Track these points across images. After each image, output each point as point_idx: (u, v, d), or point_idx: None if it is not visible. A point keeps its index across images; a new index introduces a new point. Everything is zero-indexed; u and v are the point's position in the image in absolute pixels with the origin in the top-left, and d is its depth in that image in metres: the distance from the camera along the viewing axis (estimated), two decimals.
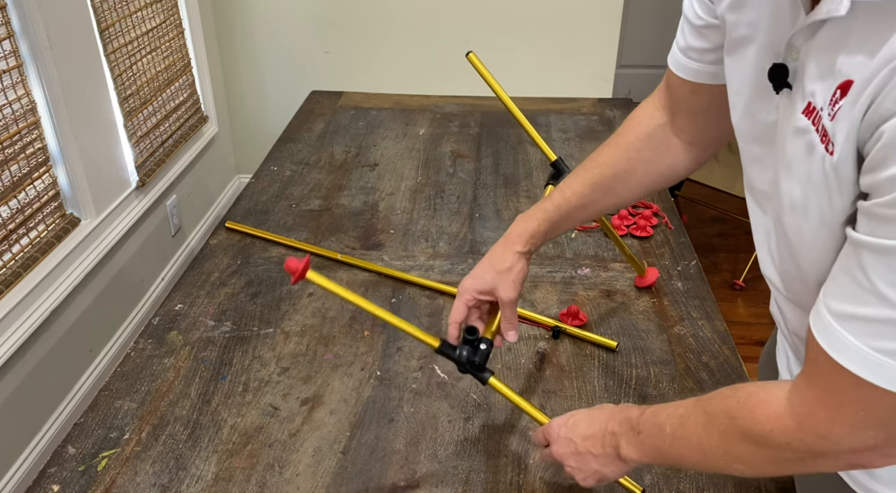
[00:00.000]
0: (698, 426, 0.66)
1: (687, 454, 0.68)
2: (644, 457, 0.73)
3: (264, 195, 1.63)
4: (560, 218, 0.93)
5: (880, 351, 0.51)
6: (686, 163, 0.92)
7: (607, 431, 0.76)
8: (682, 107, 0.88)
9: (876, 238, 0.50)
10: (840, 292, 0.54)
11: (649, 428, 0.72)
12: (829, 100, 0.55)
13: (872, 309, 0.51)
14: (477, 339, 0.90)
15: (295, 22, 2.72)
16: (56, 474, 0.95)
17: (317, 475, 0.94)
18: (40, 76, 1.69)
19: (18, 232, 1.66)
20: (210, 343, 1.17)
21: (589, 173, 0.93)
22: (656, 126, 0.91)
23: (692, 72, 0.83)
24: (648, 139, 0.91)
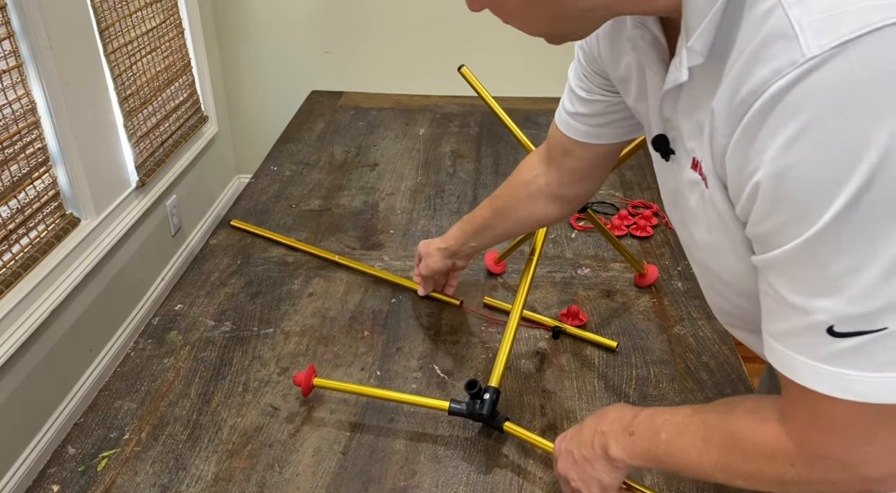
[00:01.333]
0: (697, 439, 0.66)
1: (682, 464, 0.67)
2: (633, 459, 0.73)
3: (264, 195, 1.62)
4: (472, 231, 1.14)
5: (820, 359, 0.51)
6: (551, 213, 1.04)
7: (597, 431, 0.77)
8: (555, 163, 0.99)
9: (765, 254, 0.52)
10: (768, 315, 0.55)
11: (643, 431, 0.71)
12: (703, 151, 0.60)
13: (791, 321, 0.52)
14: (480, 390, 0.96)
15: (295, 22, 2.72)
16: (56, 474, 0.95)
17: (317, 475, 0.94)
18: (40, 76, 1.69)
19: (18, 232, 1.66)
20: (210, 343, 1.17)
21: (491, 203, 1.11)
22: (534, 176, 1.03)
23: (578, 132, 0.91)
24: (525, 186, 1.04)
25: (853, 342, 0.48)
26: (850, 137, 0.45)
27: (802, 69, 0.45)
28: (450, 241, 1.18)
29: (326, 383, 1.04)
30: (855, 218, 0.46)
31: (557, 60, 2.70)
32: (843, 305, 0.48)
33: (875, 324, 0.47)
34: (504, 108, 1.22)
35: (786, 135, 0.47)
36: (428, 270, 1.21)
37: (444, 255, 1.18)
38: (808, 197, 0.47)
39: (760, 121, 0.48)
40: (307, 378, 1.03)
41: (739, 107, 0.50)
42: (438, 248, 1.18)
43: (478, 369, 1.12)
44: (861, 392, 0.50)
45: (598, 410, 1.00)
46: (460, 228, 1.17)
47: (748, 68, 0.49)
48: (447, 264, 1.19)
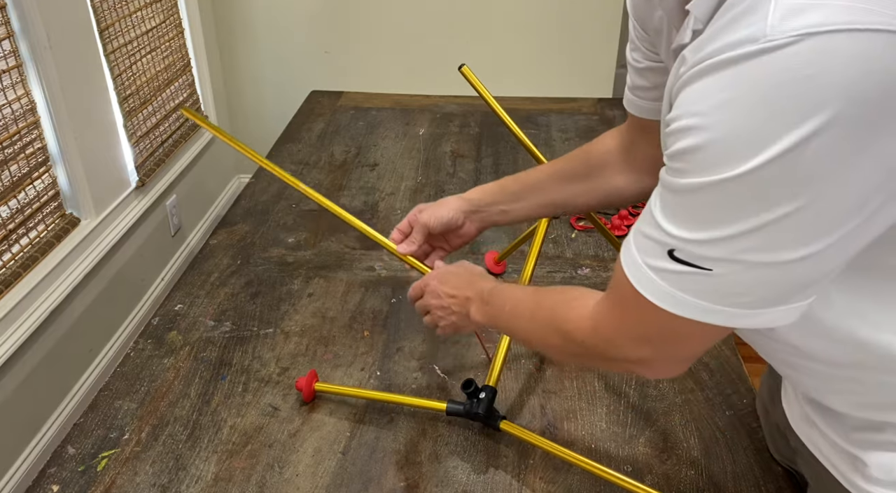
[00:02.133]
0: (527, 311, 0.79)
1: (516, 331, 0.82)
2: (486, 321, 0.86)
3: (264, 195, 1.62)
4: (512, 188, 1.01)
5: (650, 266, 0.58)
6: (639, 187, 0.98)
7: (464, 295, 0.88)
8: (639, 138, 0.94)
9: (665, 174, 0.57)
10: (642, 215, 0.61)
11: (494, 301, 0.84)
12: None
13: (649, 228, 0.58)
14: (476, 390, 0.96)
15: (295, 22, 2.72)
16: (56, 474, 0.95)
17: (317, 476, 0.94)
18: (40, 76, 1.69)
19: (18, 232, 1.66)
20: (210, 343, 1.17)
21: (554, 164, 1.02)
22: (618, 146, 0.98)
23: (638, 108, 0.90)
24: (608, 154, 0.98)
25: (681, 268, 0.56)
26: (768, 124, 0.48)
27: (757, 48, 0.47)
28: (476, 194, 1.01)
29: (328, 388, 1.05)
30: (740, 187, 0.50)
31: (558, 60, 2.70)
32: (692, 241, 0.55)
33: (705, 264, 0.55)
34: (504, 108, 1.22)
35: (716, 100, 0.50)
36: (430, 219, 0.99)
37: (461, 206, 1.00)
38: (712, 157, 0.51)
39: (703, 76, 0.51)
40: (308, 383, 1.03)
41: (694, 63, 0.53)
42: (459, 197, 1.01)
43: (478, 369, 1.12)
44: (665, 301, 0.58)
45: (593, 407, 1.00)
46: (498, 184, 1.02)
47: (719, 31, 0.51)
48: (456, 220, 0.99)
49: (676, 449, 0.98)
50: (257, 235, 1.47)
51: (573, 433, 1.00)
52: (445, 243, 1.05)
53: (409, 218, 1.03)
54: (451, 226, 1.00)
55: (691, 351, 0.65)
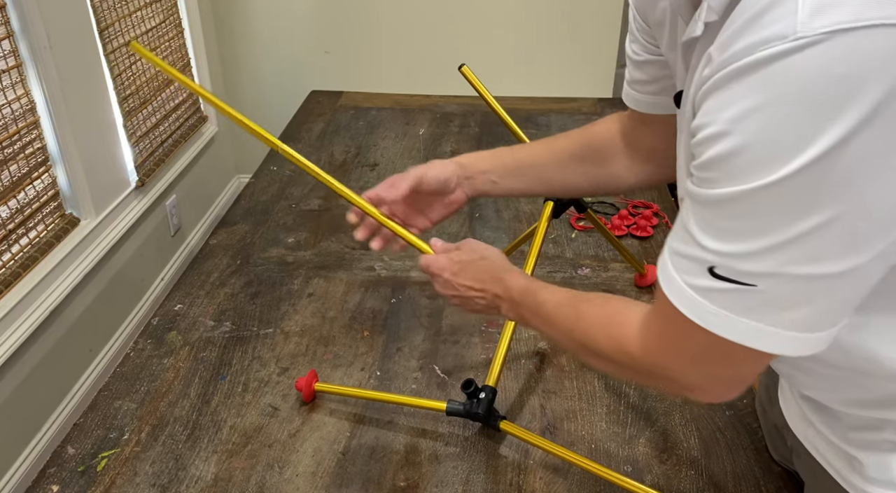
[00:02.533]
0: (567, 320, 0.74)
1: (555, 337, 0.77)
2: (520, 321, 0.82)
3: (264, 195, 1.62)
4: (507, 160, 0.96)
5: (691, 286, 0.56)
6: (637, 175, 0.96)
7: (491, 292, 0.83)
8: (644, 125, 0.93)
9: (695, 188, 0.55)
10: (674, 232, 0.60)
11: (529, 304, 0.79)
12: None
13: (685, 245, 0.56)
14: (476, 390, 0.96)
15: (295, 22, 2.72)
16: (55, 474, 0.95)
17: (317, 476, 0.94)
18: (40, 76, 1.68)
19: (18, 232, 1.66)
20: (210, 343, 1.17)
21: (553, 141, 0.98)
22: (620, 131, 0.96)
23: (636, 102, 0.89)
24: (611, 139, 0.96)
25: (724, 286, 0.54)
26: (803, 126, 0.46)
27: (788, 46, 0.46)
28: (469, 160, 0.95)
29: (328, 388, 1.05)
30: (778, 194, 0.49)
31: (557, 60, 2.70)
32: (733, 256, 0.53)
33: (749, 280, 0.52)
34: (504, 108, 1.22)
35: (748, 103, 0.48)
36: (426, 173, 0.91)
37: (452, 168, 0.93)
38: (745, 164, 0.49)
39: (731, 82, 0.49)
40: (308, 383, 1.03)
41: (720, 64, 0.50)
42: (451, 161, 0.94)
43: (478, 370, 1.11)
44: (711, 323, 0.55)
45: (593, 407, 0.99)
46: (494, 154, 0.97)
47: (744, 28, 0.49)
48: (450, 182, 0.92)
49: (676, 449, 0.98)
50: (257, 235, 1.47)
51: (573, 433, 1.00)
52: (430, 212, 0.96)
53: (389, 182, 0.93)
54: (446, 187, 0.92)
55: (745, 373, 0.61)
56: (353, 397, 1.06)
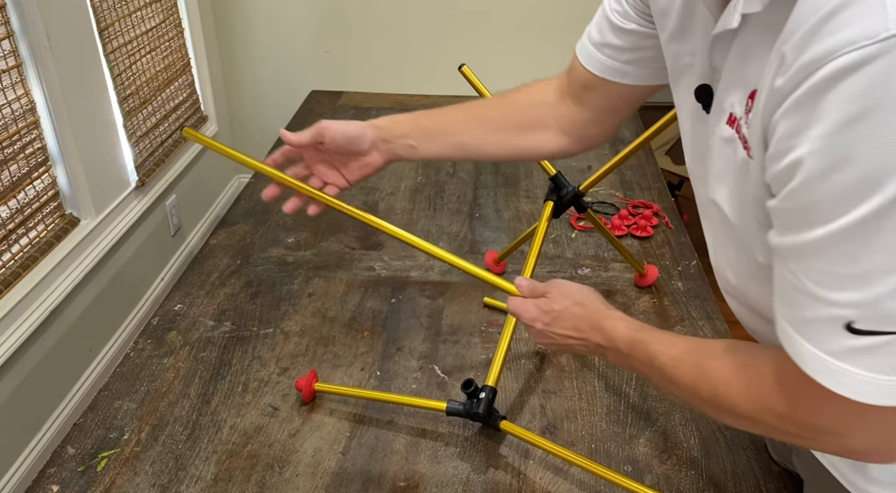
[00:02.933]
0: (689, 377, 0.66)
1: (674, 391, 0.70)
2: (629, 370, 0.78)
3: (263, 200, 1.62)
4: (425, 125, 0.92)
5: (830, 353, 0.49)
6: (553, 147, 0.94)
7: (593, 341, 0.77)
8: (574, 97, 0.91)
9: (790, 236, 0.49)
10: (784, 298, 0.53)
11: (639, 355, 0.72)
12: (745, 109, 0.56)
13: (807, 310, 0.50)
14: (476, 390, 0.95)
15: (295, 22, 2.72)
16: (55, 474, 0.95)
17: (317, 475, 0.94)
18: (40, 76, 1.68)
19: (18, 232, 1.66)
20: (210, 343, 1.17)
21: (472, 107, 0.95)
22: (543, 102, 0.93)
23: (602, 67, 0.85)
24: (532, 108, 0.93)
25: (870, 341, 0.46)
26: None
27: (882, 46, 0.40)
28: (386, 122, 0.92)
29: (328, 388, 1.05)
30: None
31: (558, 61, 2.70)
32: (869, 302, 0.46)
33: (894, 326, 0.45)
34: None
35: (844, 116, 0.43)
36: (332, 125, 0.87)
37: (369, 131, 0.89)
38: (852, 185, 0.43)
39: (819, 93, 0.44)
40: (308, 383, 1.04)
41: (798, 72, 0.45)
42: (367, 122, 0.91)
43: (478, 369, 1.11)
44: (865, 392, 0.48)
45: (593, 407, 0.99)
46: (412, 117, 0.93)
47: (818, 29, 0.44)
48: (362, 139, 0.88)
49: (676, 449, 0.98)
50: (257, 235, 1.47)
51: (573, 433, 1.00)
52: (346, 171, 0.92)
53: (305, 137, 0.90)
54: (354, 145, 0.88)
55: None
56: (353, 397, 1.06)
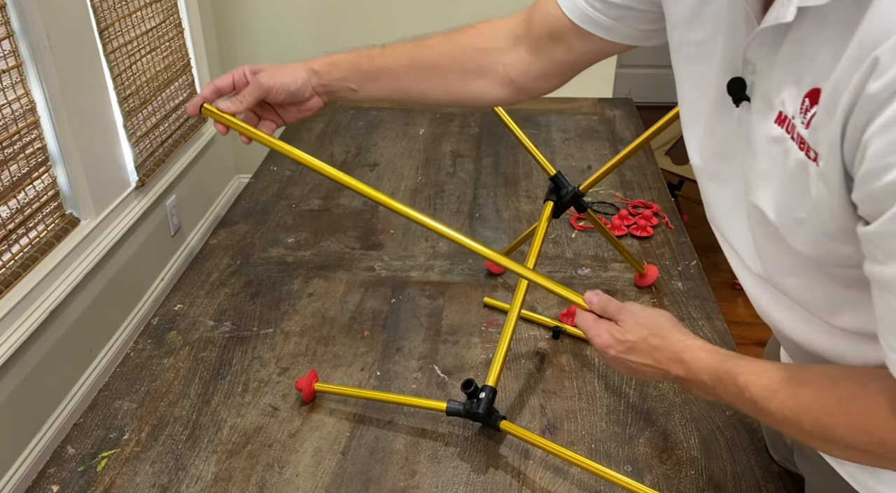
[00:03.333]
0: (786, 408, 0.62)
1: (772, 424, 0.65)
2: (715, 400, 0.72)
3: (264, 195, 1.62)
4: (365, 68, 0.89)
5: None
6: (495, 96, 0.90)
7: (672, 373, 0.73)
8: (531, 46, 0.87)
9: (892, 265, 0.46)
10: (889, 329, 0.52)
11: (727, 386, 0.67)
12: (800, 108, 0.55)
13: None
14: (476, 389, 0.95)
15: (295, 22, 2.72)
16: (55, 474, 0.95)
17: (317, 476, 0.94)
18: (40, 76, 1.69)
19: (18, 232, 1.66)
20: (210, 343, 1.17)
21: (414, 49, 0.91)
22: (492, 48, 0.89)
23: (585, 17, 0.81)
24: (479, 53, 0.89)
25: None
26: None
27: None
28: (324, 66, 0.90)
29: (328, 388, 1.05)
30: None
31: None
32: None
33: None
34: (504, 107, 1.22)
35: None
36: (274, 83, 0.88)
37: (309, 78, 0.89)
38: None
39: None
40: (308, 383, 1.04)
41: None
42: (305, 66, 0.91)
43: (478, 369, 1.12)
44: None
45: (593, 407, 0.99)
46: (351, 59, 0.90)
47: None
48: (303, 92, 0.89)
49: (676, 449, 0.98)
50: (257, 235, 1.47)
51: (573, 433, 1.00)
52: (284, 114, 0.93)
53: (236, 76, 0.91)
54: (296, 97, 0.89)
55: None
56: (353, 397, 1.06)
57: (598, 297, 0.81)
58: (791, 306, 0.68)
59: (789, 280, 0.66)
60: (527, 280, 0.88)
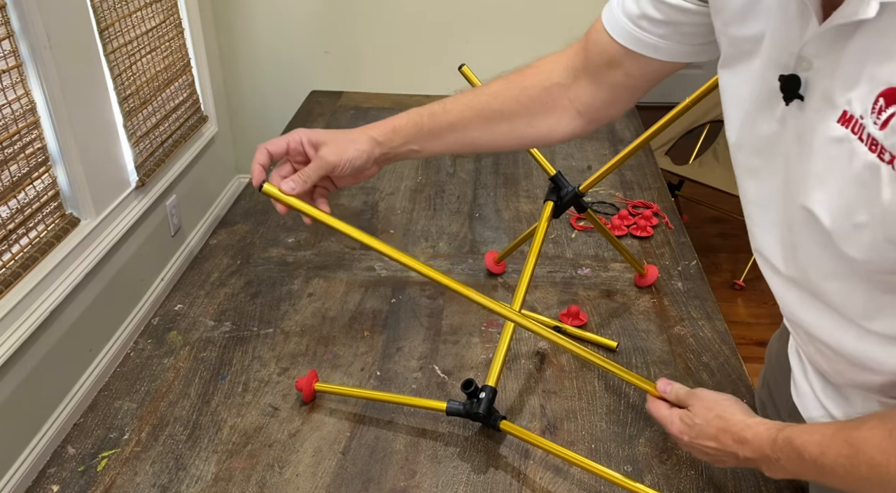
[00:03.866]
0: (841, 458, 0.62)
1: (835, 484, 0.65)
2: (789, 475, 0.72)
3: (264, 195, 1.62)
4: (428, 129, 0.89)
5: None
6: (566, 131, 0.90)
7: (742, 455, 0.74)
8: (591, 76, 0.87)
9: None
10: None
11: (788, 454, 0.68)
12: (872, 108, 0.53)
13: None
14: (476, 389, 0.95)
15: (295, 22, 2.72)
16: (56, 474, 0.95)
17: (317, 475, 0.94)
18: (40, 76, 1.69)
19: (18, 232, 1.66)
20: (210, 343, 1.17)
21: (476, 99, 0.90)
22: (555, 84, 0.89)
23: (635, 40, 0.81)
24: (544, 92, 0.89)
25: None
26: None
27: None
28: (386, 134, 0.88)
29: (328, 388, 1.05)
30: None
31: None
32: None
33: None
34: None
35: None
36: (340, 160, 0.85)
37: (371, 149, 0.87)
38: None
39: None
40: (308, 383, 1.04)
41: None
42: (366, 135, 0.88)
43: (478, 370, 1.12)
44: None
45: (593, 407, 0.99)
46: (413, 121, 0.89)
47: None
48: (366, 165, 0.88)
49: (676, 449, 0.98)
50: (257, 235, 1.47)
51: (573, 433, 1.00)
52: (336, 181, 0.91)
53: (292, 144, 0.87)
54: (359, 171, 0.88)
55: None
56: (353, 397, 1.06)
57: (670, 386, 0.84)
58: (822, 309, 0.67)
59: (828, 284, 0.65)
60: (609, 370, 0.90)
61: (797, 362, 0.84)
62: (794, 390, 0.85)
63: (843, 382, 0.74)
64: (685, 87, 1.47)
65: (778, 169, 0.66)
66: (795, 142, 0.62)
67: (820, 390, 0.78)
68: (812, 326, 0.71)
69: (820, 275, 0.65)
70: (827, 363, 0.73)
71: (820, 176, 0.59)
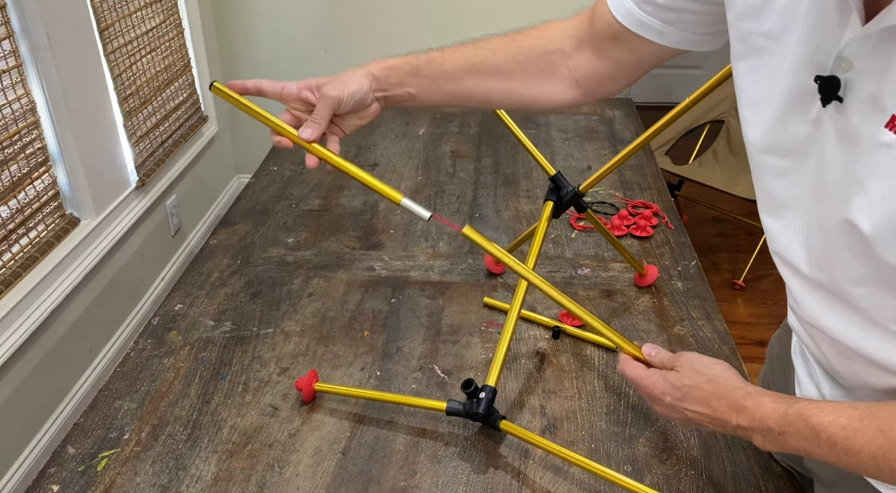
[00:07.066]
0: (873, 447, 0.59)
1: (853, 466, 0.62)
2: (781, 451, 0.70)
3: (264, 195, 1.62)
4: (425, 72, 0.88)
5: None
6: (562, 99, 0.89)
7: (732, 423, 0.70)
8: (594, 47, 0.86)
9: None
10: None
11: (799, 431, 0.65)
12: None
13: None
14: (476, 389, 0.95)
15: (294, 21, 2.72)
16: (56, 474, 0.95)
17: (317, 475, 0.94)
18: (40, 76, 1.69)
19: (18, 232, 1.66)
20: (210, 343, 1.17)
21: (475, 52, 0.89)
22: (556, 50, 0.88)
23: (637, 22, 0.80)
24: (543, 56, 0.88)
25: None
26: None
27: None
28: (382, 70, 0.89)
29: (328, 388, 1.05)
30: None
31: None
32: None
33: None
34: None
35: None
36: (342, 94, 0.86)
37: (370, 83, 0.88)
38: None
39: None
40: (308, 383, 1.04)
41: None
42: (364, 71, 0.89)
43: (478, 369, 1.12)
44: None
45: (593, 407, 0.99)
46: (410, 64, 0.89)
47: None
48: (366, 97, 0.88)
49: (676, 449, 0.98)
50: (257, 235, 1.47)
51: (573, 433, 1.00)
52: (343, 124, 0.92)
53: (303, 93, 0.89)
54: (361, 104, 0.88)
55: None
56: (353, 397, 1.06)
57: (656, 350, 0.81)
58: (847, 312, 0.66)
59: (857, 289, 0.64)
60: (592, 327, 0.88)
61: (801, 362, 0.84)
62: (799, 390, 0.85)
63: (858, 383, 0.73)
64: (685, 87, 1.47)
65: (810, 172, 0.64)
66: (835, 145, 0.60)
67: (828, 391, 0.78)
68: (833, 328, 0.69)
69: (848, 280, 0.64)
70: (842, 364, 0.72)
71: (861, 182, 0.57)
